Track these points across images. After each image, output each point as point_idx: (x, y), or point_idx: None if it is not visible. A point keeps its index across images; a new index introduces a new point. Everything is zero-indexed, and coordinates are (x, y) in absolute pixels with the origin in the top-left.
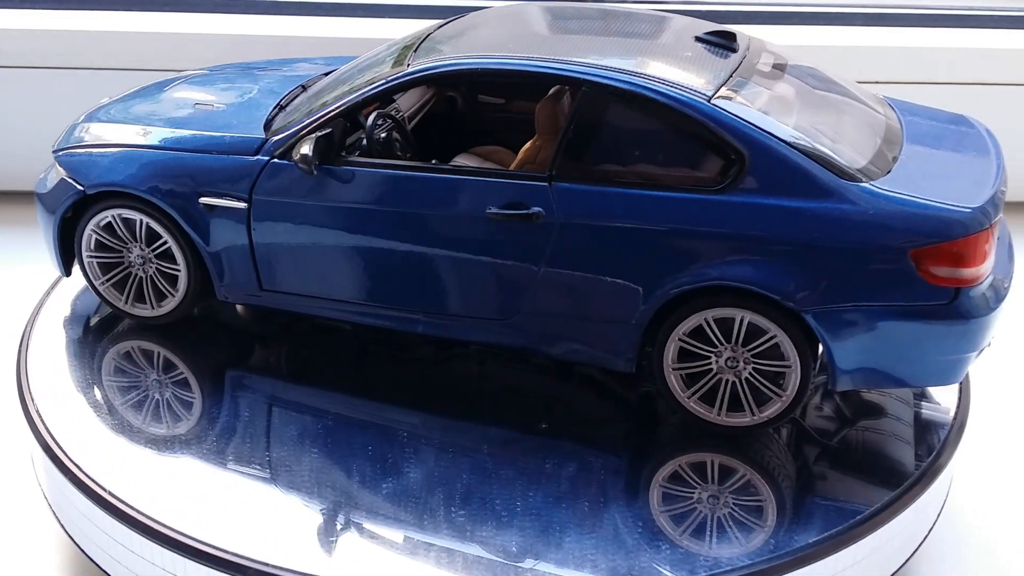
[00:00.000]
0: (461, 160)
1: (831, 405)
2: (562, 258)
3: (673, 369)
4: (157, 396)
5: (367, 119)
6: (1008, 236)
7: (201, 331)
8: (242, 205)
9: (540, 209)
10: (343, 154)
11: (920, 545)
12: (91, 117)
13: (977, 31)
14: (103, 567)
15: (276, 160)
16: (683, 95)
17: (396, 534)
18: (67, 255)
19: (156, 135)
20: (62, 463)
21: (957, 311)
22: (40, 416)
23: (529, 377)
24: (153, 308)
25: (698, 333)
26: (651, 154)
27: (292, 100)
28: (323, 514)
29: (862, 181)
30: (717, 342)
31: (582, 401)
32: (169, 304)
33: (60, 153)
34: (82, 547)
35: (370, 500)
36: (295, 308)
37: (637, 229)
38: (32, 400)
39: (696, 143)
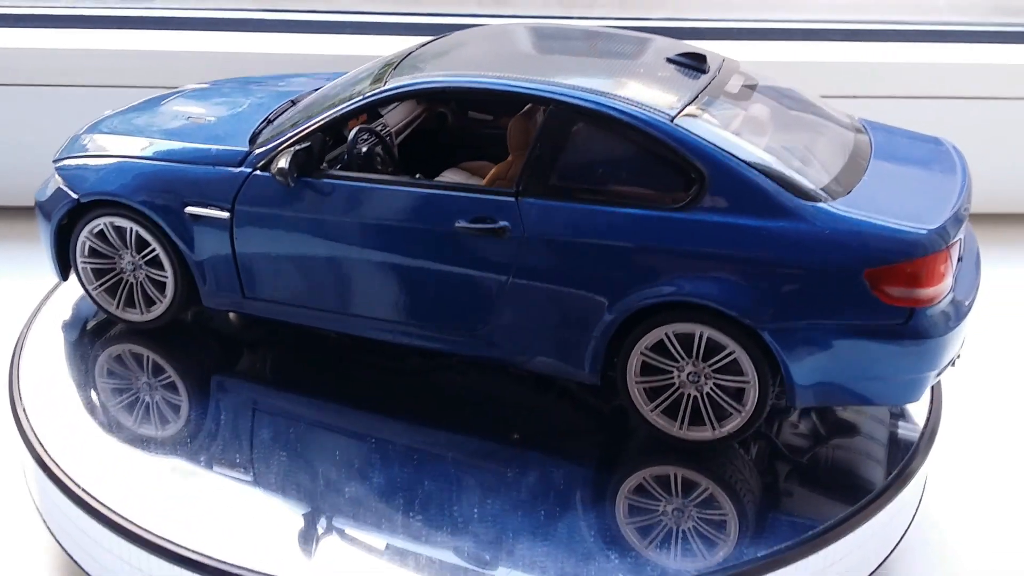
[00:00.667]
0: (449, 175)
1: (807, 423)
2: (528, 272)
3: (636, 382)
4: (146, 399)
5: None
6: (976, 250)
7: (191, 336)
8: (225, 215)
9: (507, 224)
10: (323, 167)
11: (887, 558)
12: (92, 128)
13: (951, 45)
14: (89, 572)
15: (258, 172)
16: (646, 114)
17: (353, 537)
18: (64, 260)
19: (147, 146)
20: (49, 468)
21: (913, 331)
22: (28, 419)
23: (509, 387)
24: (142, 313)
25: (660, 347)
26: (615, 172)
27: (280, 114)
28: (284, 517)
29: (821, 201)
30: (678, 357)
31: (558, 412)
32: (157, 309)
33: (59, 163)
34: (70, 553)
35: (331, 504)
36: (276, 315)
37: (600, 245)
38: (21, 401)
39: (658, 162)
